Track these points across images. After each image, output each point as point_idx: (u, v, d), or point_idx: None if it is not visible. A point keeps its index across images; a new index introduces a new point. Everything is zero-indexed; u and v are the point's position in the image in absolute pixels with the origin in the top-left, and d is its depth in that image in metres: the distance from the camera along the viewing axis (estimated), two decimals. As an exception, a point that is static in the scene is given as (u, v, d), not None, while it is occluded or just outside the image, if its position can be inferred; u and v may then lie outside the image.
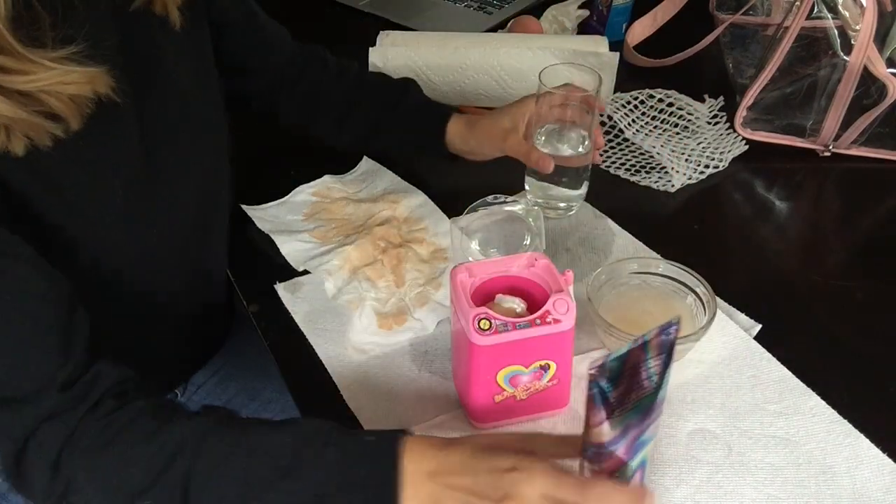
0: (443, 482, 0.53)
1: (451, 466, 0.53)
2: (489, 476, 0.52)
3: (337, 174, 0.97)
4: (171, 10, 0.67)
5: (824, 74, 0.93)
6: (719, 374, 0.70)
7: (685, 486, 0.61)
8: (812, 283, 0.81)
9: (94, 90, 0.57)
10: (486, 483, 0.52)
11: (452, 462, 0.54)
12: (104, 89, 0.58)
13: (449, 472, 0.53)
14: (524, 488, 0.50)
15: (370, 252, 0.83)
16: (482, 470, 0.52)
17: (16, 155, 0.55)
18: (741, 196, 0.94)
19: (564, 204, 0.88)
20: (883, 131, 0.96)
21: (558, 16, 1.22)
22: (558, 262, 0.81)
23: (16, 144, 0.54)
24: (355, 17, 1.35)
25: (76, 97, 0.56)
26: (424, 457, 0.54)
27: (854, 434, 0.65)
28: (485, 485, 0.52)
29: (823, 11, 0.91)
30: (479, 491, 0.52)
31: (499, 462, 0.52)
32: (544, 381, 0.64)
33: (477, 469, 0.53)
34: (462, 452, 0.54)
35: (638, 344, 0.47)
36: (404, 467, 0.53)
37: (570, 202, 0.89)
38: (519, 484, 0.51)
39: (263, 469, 0.54)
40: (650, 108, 1.03)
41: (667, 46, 1.15)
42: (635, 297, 0.73)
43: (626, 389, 0.48)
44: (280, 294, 0.80)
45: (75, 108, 0.56)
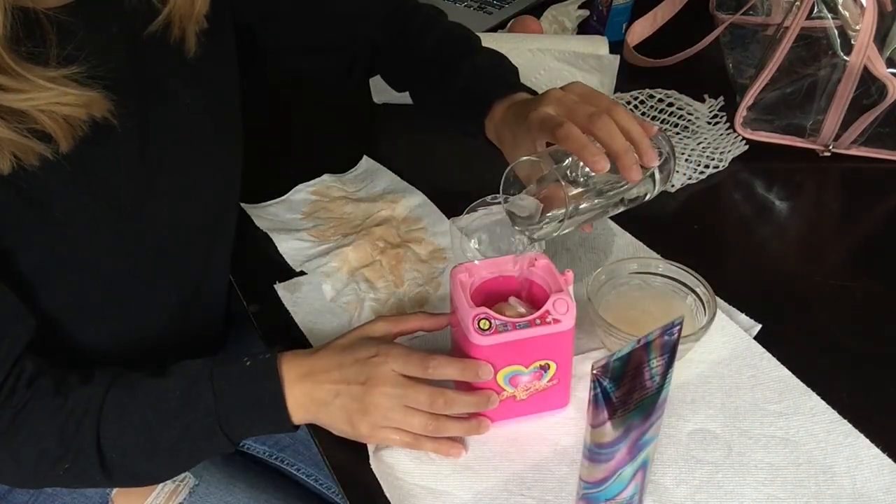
0: (316, 380, 0.63)
1: (321, 366, 0.63)
2: (353, 366, 0.62)
3: (336, 173, 0.97)
4: (189, 36, 0.66)
5: (824, 74, 0.93)
6: (719, 374, 0.70)
7: (685, 486, 0.61)
8: (812, 283, 0.81)
9: (89, 113, 0.57)
10: (351, 372, 0.62)
11: (321, 362, 0.63)
12: (101, 113, 0.58)
13: (320, 371, 0.63)
14: (381, 369, 0.62)
15: (368, 253, 0.83)
16: (347, 363, 0.63)
17: (0, 172, 0.55)
18: (741, 196, 0.94)
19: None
20: (883, 131, 0.96)
21: (558, 16, 1.22)
22: (558, 262, 0.81)
23: (1, 162, 0.54)
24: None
25: (70, 118, 0.56)
26: (297, 364, 0.63)
27: (854, 434, 0.65)
28: (350, 373, 0.62)
29: (823, 11, 0.91)
30: (346, 379, 0.62)
31: (361, 353, 0.63)
32: (544, 381, 0.64)
33: (342, 362, 0.63)
34: (329, 352, 0.64)
35: (641, 344, 0.47)
36: (283, 377, 0.62)
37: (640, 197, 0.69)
38: (377, 367, 0.62)
39: (161, 411, 0.61)
40: (650, 108, 1.03)
41: (667, 46, 1.15)
42: (635, 297, 0.73)
43: (629, 389, 0.48)
44: (280, 294, 0.80)
45: (68, 130, 0.56)
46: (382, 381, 0.61)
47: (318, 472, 0.85)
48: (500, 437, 0.65)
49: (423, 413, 0.62)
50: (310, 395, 0.62)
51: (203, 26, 0.67)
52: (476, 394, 0.62)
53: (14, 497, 0.75)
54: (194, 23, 0.66)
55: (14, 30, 0.51)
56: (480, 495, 0.61)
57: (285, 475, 0.86)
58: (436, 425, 0.62)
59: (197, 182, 0.71)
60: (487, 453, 0.64)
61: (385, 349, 0.63)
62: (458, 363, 0.62)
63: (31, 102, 0.53)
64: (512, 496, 0.61)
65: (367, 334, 0.66)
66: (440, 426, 0.62)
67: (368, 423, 0.62)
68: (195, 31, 0.66)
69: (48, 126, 0.55)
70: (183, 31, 0.65)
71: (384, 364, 0.62)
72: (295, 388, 0.62)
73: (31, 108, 0.53)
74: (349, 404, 0.62)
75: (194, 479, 0.78)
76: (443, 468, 0.63)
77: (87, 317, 0.67)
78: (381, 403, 0.61)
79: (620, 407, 0.48)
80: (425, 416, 0.62)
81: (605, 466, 0.52)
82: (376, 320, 0.67)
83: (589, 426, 0.50)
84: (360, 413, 0.62)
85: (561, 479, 0.62)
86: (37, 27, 0.55)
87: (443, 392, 0.62)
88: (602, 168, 0.61)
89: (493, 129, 0.77)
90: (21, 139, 0.54)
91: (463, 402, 0.62)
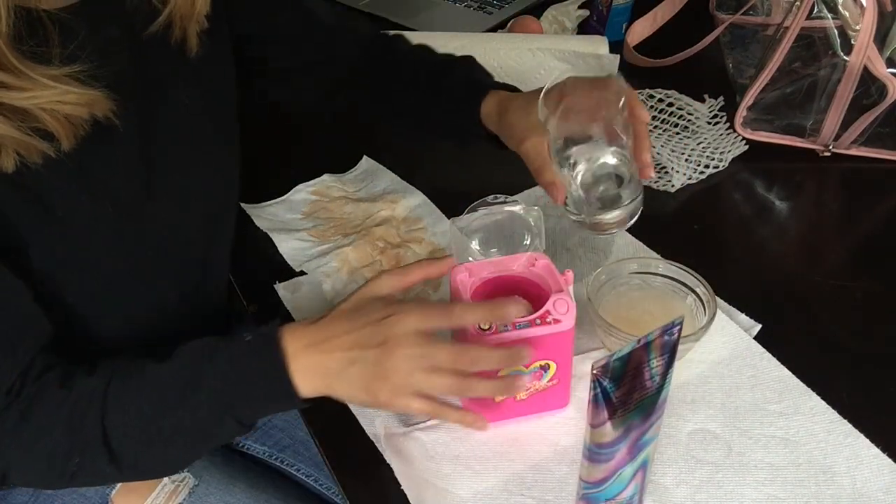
0: (324, 348, 0.58)
1: (330, 332, 0.59)
2: (366, 328, 0.58)
3: (336, 173, 0.97)
4: (191, 36, 0.66)
5: (824, 74, 0.93)
6: (719, 374, 0.70)
7: (685, 486, 0.61)
8: (812, 283, 0.81)
9: (90, 112, 0.57)
10: (365, 335, 0.58)
11: (329, 329, 0.59)
12: (103, 112, 0.58)
13: (329, 338, 0.58)
14: (398, 329, 0.57)
15: (368, 253, 0.83)
16: (359, 326, 0.58)
17: (5, 170, 0.55)
18: (741, 196, 0.94)
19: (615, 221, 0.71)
20: (883, 131, 0.96)
21: (558, 16, 1.22)
22: (558, 262, 0.80)
23: (5, 160, 0.54)
24: (355, 17, 1.34)
25: (72, 117, 0.56)
26: (301, 334, 0.59)
27: (854, 434, 0.65)
28: (364, 337, 0.57)
29: (823, 11, 0.91)
30: (361, 343, 0.57)
31: (373, 314, 0.58)
32: (544, 382, 0.64)
33: (353, 326, 0.58)
34: (336, 317, 0.60)
35: (641, 344, 0.47)
36: (285, 349, 0.58)
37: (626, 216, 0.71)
38: (394, 326, 0.57)
39: (167, 396, 0.59)
40: (650, 108, 1.03)
41: (667, 46, 1.15)
42: (635, 297, 0.73)
43: (629, 389, 0.48)
44: (280, 294, 0.80)
45: (70, 129, 0.56)
46: (401, 341, 0.57)
47: (318, 473, 0.85)
48: (500, 437, 0.65)
49: (447, 373, 0.57)
50: (319, 366, 0.58)
51: (204, 26, 0.67)
52: (505, 348, 0.58)
53: (14, 497, 0.75)
54: (195, 23, 0.66)
55: (16, 28, 0.51)
56: (480, 495, 0.61)
57: (285, 475, 0.86)
58: (462, 384, 0.58)
59: (197, 182, 0.71)
60: (487, 453, 0.64)
61: (399, 307, 0.58)
62: (484, 307, 0.58)
63: (33, 101, 0.53)
64: (512, 496, 0.61)
65: (374, 293, 0.61)
66: (467, 385, 0.58)
67: (389, 388, 0.57)
68: (196, 31, 0.66)
69: (50, 125, 0.55)
70: (184, 31, 0.65)
71: (401, 323, 0.57)
72: (301, 359, 0.58)
73: (33, 106, 0.53)
74: (366, 371, 0.57)
75: (194, 480, 0.78)
76: (443, 467, 0.63)
77: (85, 317, 0.67)
78: (401, 366, 0.57)
79: (620, 407, 0.48)
80: (451, 376, 0.57)
81: (605, 466, 0.52)
82: (379, 276, 0.62)
83: (589, 426, 0.50)
84: (379, 379, 0.57)
85: (561, 479, 0.62)
86: (39, 26, 0.55)
87: (468, 348, 0.58)
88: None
89: (493, 113, 0.78)
90: (24, 137, 0.54)
91: (490, 357, 0.57)
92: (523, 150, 0.73)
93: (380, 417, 0.67)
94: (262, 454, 0.87)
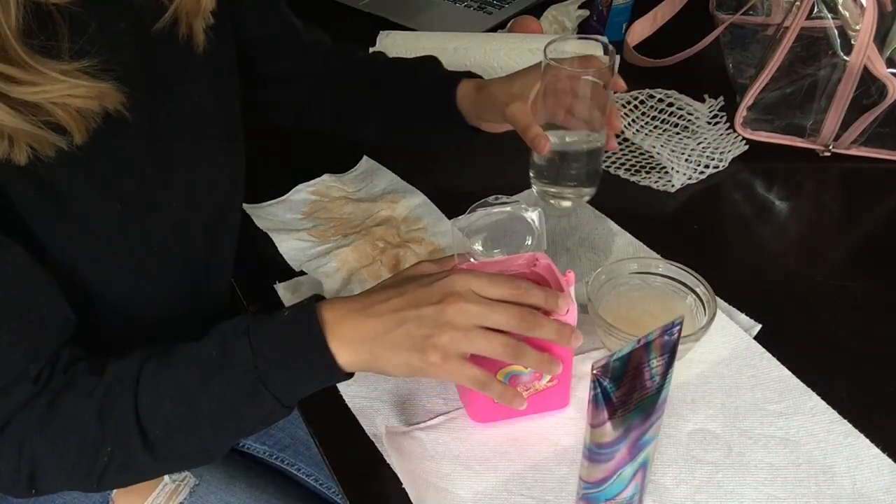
0: (370, 313, 0.57)
1: (374, 299, 0.57)
2: (418, 290, 0.56)
3: (336, 173, 0.97)
4: (197, 32, 0.66)
5: (824, 74, 0.93)
6: (719, 374, 0.70)
7: (685, 486, 0.61)
8: (812, 283, 0.81)
9: (101, 105, 0.57)
10: (418, 295, 0.56)
11: (373, 297, 0.58)
12: (113, 105, 0.58)
13: (373, 304, 0.57)
14: (458, 285, 0.55)
15: (368, 253, 0.83)
16: (409, 289, 0.57)
17: (18, 163, 0.55)
18: (741, 196, 0.94)
19: (573, 195, 0.82)
20: (883, 131, 0.96)
21: (558, 16, 1.22)
22: (558, 262, 0.81)
23: (18, 153, 0.54)
24: (355, 17, 1.35)
25: (83, 110, 0.56)
26: (341, 304, 0.58)
27: (854, 434, 0.65)
28: (417, 296, 0.56)
29: (823, 11, 0.91)
30: (414, 302, 0.56)
31: (422, 279, 0.57)
32: (544, 382, 0.64)
33: (403, 291, 0.57)
34: (379, 288, 0.59)
35: (641, 344, 0.47)
36: (324, 320, 0.56)
37: (580, 191, 0.82)
38: (454, 283, 0.56)
39: (198, 372, 0.57)
40: (650, 108, 1.03)
41: (667, 46, 1.15)
42: (635, 297, 0.73)
43: (629, 389, 0.48)
44: (280, 294, 0.80)
45: (81, 122, 0.56)
46: (462, 296, 0.55)
47: (319, 472, 0.85)
48: (500, 437, 0.65)
49: (504, 335, 0.56)
50: (361, 331, 0.56)
51: (209, 22, 0.67)
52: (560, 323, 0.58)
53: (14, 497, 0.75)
54: (201, 19, 0.66)
55: (26, 23, 0.52)
56: (480, 495, 0.61)
57: (286, 475, 0.86)
58: (517, 349, 0.56)
59: (203, 179, 0.71)
60: (487, 453, 0.64)
61: (447, 273, 0.57)
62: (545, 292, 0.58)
63: (43, 95, 0.53)
64: (512, 496, 0.61)
65: (414, 273, 0.60)
66: (521, 351, 0.57)
67: (442, 348, 0.55)
68: (202, 27, 0.66)
69: (62, 118, 0.55)
70: (190, 27, 0.66)
71: (461, 280, 0.56)
72: (342, 326, 0.56)
73: (44, 100, 0.53)
74: (417, 330, 0.55)
75: (195, 479, 0.78)
76: (443, 466, 0.63)
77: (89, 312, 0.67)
78: (459, 322, 0.55)
79: (620, 407, 0.48)
80: (506, 338, 0.56)
81: (605, 466, 0.52)
82: (419, 264, 0.62)
83: (589, 426, 0.50)
84: (433, 336, 0.55)
85: (561, 479, 0.62)
86: (49, 21, 0.55)
87: (529, 312, 0.56)
88: None
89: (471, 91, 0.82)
90: (36, 130, 0.54)
91: (550, 326, 0.57)
92: (509, 113, 0.77)
93: (380, 417, 0.67)
94: (262, 454, 0.87)
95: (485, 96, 0.81)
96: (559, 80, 0.74)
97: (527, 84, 0.78)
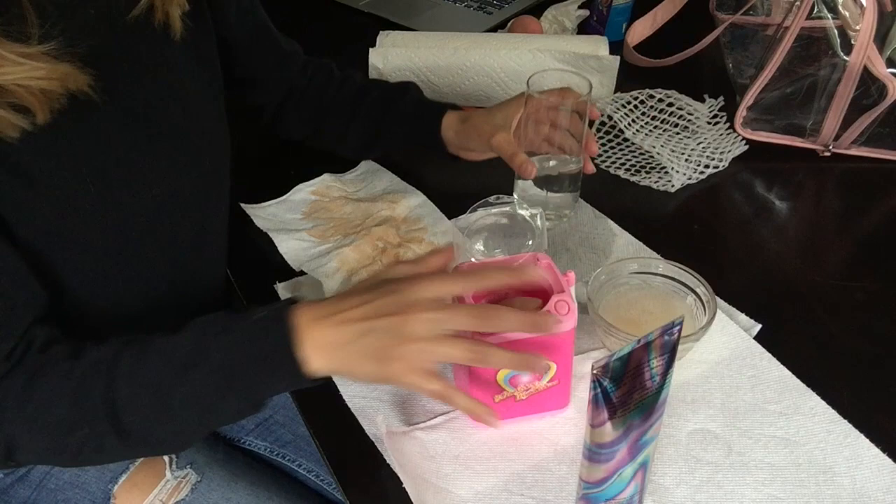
0: (338, 320, 0.57)
1: (343, 306, 0.57)
2: (382, 298, 0.56)
3: (336, 173, 0.97)
4: (174, 19, 0.67)
5: (824, 74, 0.93)
6: (719, 374, 0.70)
7: (685, 486, 0.61)
8: (812, 283, 0.81)
9: (64, 86, 0.57)
10: (382, 304, 0.56)
11: (342, 303, 0.58)
12: (77, 86, 0.58)
13: (341, 310, 0.57)
14: (419, 295, 0.56)
15: (368, 253, 0.83)
16: (374, 297, 0.57)
17: None
18: (741, 196, 0.94)
19: (554, 214, 0.87)
20: (883, 131, 0.96)
21: (558, 16, 1.22)
22: (558, 262, 0.81)
23: None
24: (355, 17, 1.35)
25: (47, 91, 0.56)
26: (313, 309, 0.58)
27: (854, 434, 0.65)
28: (381, 305, 0.56)
29: (823, 11, 0.91)
30: (377, 311, 0.56)
31: (388, 286, 0.57)
32: (544, 382, 0.64)
33: (368, 298, 0.57)
34: (350, 293, 0.58)
35: (641, 344, 0.47)
36: (296, 325, 0.57)
37: (561, 210, 0.87)
38: (414, 293, 0.56)
39: (172, 366, 0.58)
40: (650, 108, 1.03)
41: (667, 46, 1.15)
42: (635, 297, 0.73)
43: (630, 389, 0.48)
44: (280, 294, 0.80)
45: (45, 102, 0.56)
46: (422, 305, 0.55)
47: (320, 469, 0.85)
48: (500, 437, 0.65)
49: (466, 341, 0.56)
50: (330, 338, 0.57)
51: (185, 8, 0.68)
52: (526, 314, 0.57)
53: (16, 491, 0.75)
54: (176, 6, 0.66)
55: None
56: (480, 495, 0.61)
57: (287, 472, 0.86)
58: (481, 352, 0.56)
59: (185, 162, 0.71)
60: (487, 453, 0.64)
61: (416, 277, 0.58)
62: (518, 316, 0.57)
63: (4, 77, 0.53)
64: (512, 496, 0.61)
65: (389, 275, 0.60)
66: (486, 353, 0.56)
67: (405, 360, 0.56)
68: (178, 14, 0.67)
69: (25, 98, 0.55)
70: (167, 14, 0.66)
71: (422, 288, 0.56)
72: (312, 332, 0.57)
73: (7, 82, 0.54)
74: (379, 341, 0.56)
75: (196, 476, 0.78)
76: (443, 466, 0.63)
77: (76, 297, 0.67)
78: (420, 333, 0.55)
79: (620, 407, 0.48)
80: (469, 343, 0.56)
81: (605, 466, 0.52)
82: (395, 265, 0.61)
83: (589, 426, 0.50)
84: (396, 347, 0.55)
85: (561, 479, 0.62)
86: (15, 5, 0.55)
87: (493, 306, 0.57)
88: None
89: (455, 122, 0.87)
90: None
91: (512, 318, 0.56)
92: (495, 142, 0.82)
93: (381, 416, 0.67)
94: (263, 450, 0.87)
95: (469, 128, 0.86)
96: (539, 110, 0.80)
97: (508, 115, 0.83)
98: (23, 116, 0.56)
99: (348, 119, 0.92)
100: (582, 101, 0.79)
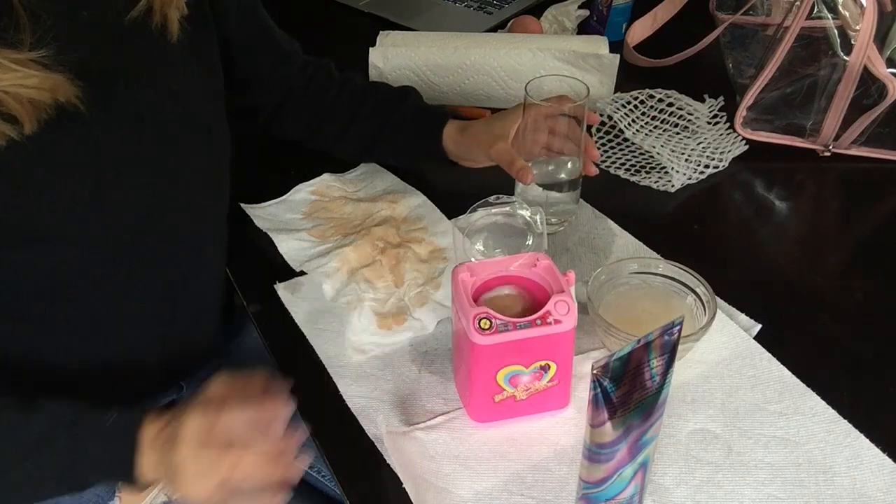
0: (174, 443, 0.59)
1: (184, 429, 0.59)
2: (202, 428, 0.59)
3: (336, 173, 0.97)
4: (172, 22, 0.66)
5: (824, 74, 0.93)
6: (719, 374, 0.70)
7: (685, 486, 0.61)
8: (812, 283, 0.81)
9: (53, 97, 0.57)
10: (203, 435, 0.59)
11: (186, 426, 0.59)
12: (66, 97, 0.58)
13: (178, 434, 0.59)
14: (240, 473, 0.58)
15: (368, 253, 0.83)
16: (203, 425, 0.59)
17: None
18: (741, 196, 0.94)
19: (556, 219, 0.86)
20: (883, 131, 0.96)
21: (558, 16, 1.22)
22: (558, 262, 0.81)
23: None
24: (355, 17, 1.35)
25: (35, 101, 0.56)
26: (159, 428, 0.61)
27: (854, 434, 0.65)
28: (202, 437, 0.59)
29: (823, 11, 0.91)
30: (203, 442, 0.59)
31: (210, 415, 0.59)
32: (544, 382, 0.64)
33: (201, 425, 0.59)
34: (196, 411, 0.60)
35: (641, 344, 0.47)
36: (140, 440, 0.60)
37: (563, 216, 0.87)
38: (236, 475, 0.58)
39: (11, 450, 0.61)
40: (650, 108, 1.03)
41: (667, 46, 1.15)
42: (635, 297, 0.73)
43: (630, 389, 0.48)
44: (280, 294, 0.80)
45: (33, 112, 0.56)
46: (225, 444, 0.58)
47: (321, 465, 0.85)
48: (500, 437, 0.65)
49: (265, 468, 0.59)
50: (167, 460, 0.59)
51: (184, 12, 0.67)
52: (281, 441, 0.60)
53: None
54: (175, 8, 0.66)
55: None
56: (480, 495, 0.61)
57: None
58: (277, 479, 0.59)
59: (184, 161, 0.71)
60: (487, 453, 0.64)
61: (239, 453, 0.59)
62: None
63: None
64: (512, 496, 0.61)
65: (210, 398, 0.62)
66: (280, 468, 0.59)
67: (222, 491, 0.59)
68: (177, 17, 0.67)
69: (13, 107, 0.55)
70: (165, 17, 0.66)
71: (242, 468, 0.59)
72: (153, 450, 0.60)
73: None
74: (205, 472, 0.59)
75: None
76: (443, 467, 0.63)
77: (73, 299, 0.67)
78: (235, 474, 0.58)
79: (620, 407, 0.48)
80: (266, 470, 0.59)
81: (605, 466, 0.52)
82: (217, 383, 0.63)
83: (589, 426, 0.50)
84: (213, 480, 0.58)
85: (561, 479, 0.62)
86: (9, 9, 0.55)
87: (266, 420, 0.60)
88: None
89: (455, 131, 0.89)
90: None
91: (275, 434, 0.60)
92: (494, 152, 0.84)
93: (381, 416, 0.67)
94: None
95: (468, 137, 0.88)
96: (538, 118, 0.81)
97: (506, 125, 0.84)
98: (11, 126, 0.56)
99: (347, 123, 0.92)
100: (579, 106, 0.79)
